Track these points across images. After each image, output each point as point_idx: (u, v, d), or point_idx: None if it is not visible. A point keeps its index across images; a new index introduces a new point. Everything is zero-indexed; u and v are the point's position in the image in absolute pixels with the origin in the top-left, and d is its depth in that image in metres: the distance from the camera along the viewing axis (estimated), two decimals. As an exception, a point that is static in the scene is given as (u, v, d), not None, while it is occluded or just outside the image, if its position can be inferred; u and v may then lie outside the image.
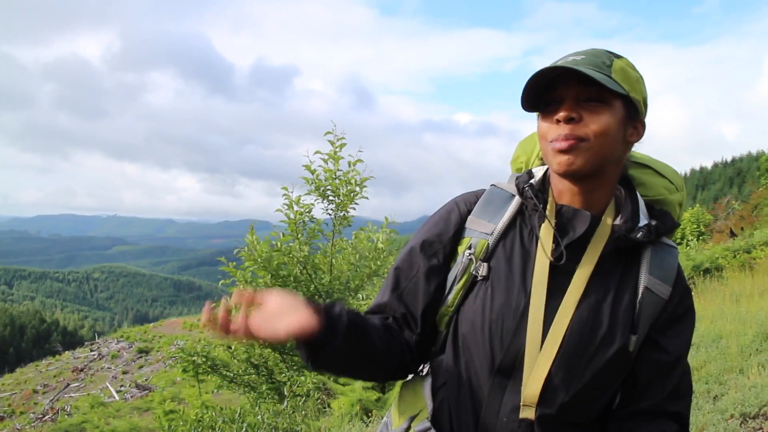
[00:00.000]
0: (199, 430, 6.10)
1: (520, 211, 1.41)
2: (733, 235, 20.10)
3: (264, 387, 6.92)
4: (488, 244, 1.39)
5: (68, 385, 31.30)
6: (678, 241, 22.02)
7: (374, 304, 1.50)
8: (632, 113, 1.31)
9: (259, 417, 6.28)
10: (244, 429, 5.87)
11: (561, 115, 1.26)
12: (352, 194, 6.92)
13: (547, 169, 1.41)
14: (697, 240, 20.96)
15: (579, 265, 1.33)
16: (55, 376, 35.33)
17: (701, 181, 76.38)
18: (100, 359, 37.07)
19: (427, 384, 1.48)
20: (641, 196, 1.41)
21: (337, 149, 6.84)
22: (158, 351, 35.16)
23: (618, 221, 1.35)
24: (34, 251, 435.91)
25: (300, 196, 6.62)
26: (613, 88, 1.23)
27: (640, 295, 1.33)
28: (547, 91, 1.29)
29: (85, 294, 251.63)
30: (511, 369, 1.33)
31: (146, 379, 26.90)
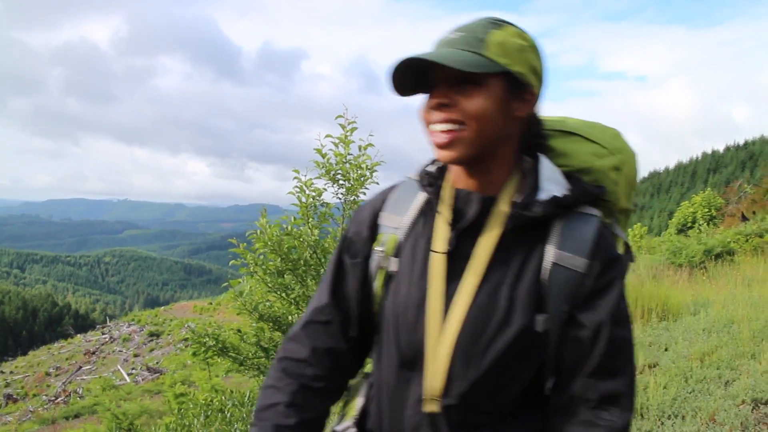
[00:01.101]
0: (209, 413, 6.14)
1: (428, 201, 1.38)
2: (744, 219, 19.99)
3: (274, 370, 6.94)
4: (398, 238, 1.38)
5: (80, 367, 31.62)
6: (689, 225, 21.88)
7: (312, 307, 1.49)
8: (516, 87, 1.25)
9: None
10: (253, 412, 5.89)
11: (432, 102, 1.24)
12: (362, 179, 6.88)
13: None
14: (708, 224, 20.84)
15: (475, 249, 1.29)
16: (67, 359, 35.69)
17: (713, 164, 75.83)
18: (111, 342, 37.43)
19: (366, 382, 1.51)
20: (564, 166, 1.36)
21: (348, 133, 6.80)
22: (169, 334, 35.45)
23: (517, 198, 1.29)
24: (45, 235, 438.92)
25: (311, 179, 6.60)
26: (477, 71, 1.18)
27: (546, 272, 1.26)
28: (427, 73, 1.25)
29: (97, 278, 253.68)
30: (414, 362, 1.31)
31: (157, 362, 27.14)
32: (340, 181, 6.86)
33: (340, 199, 7.05)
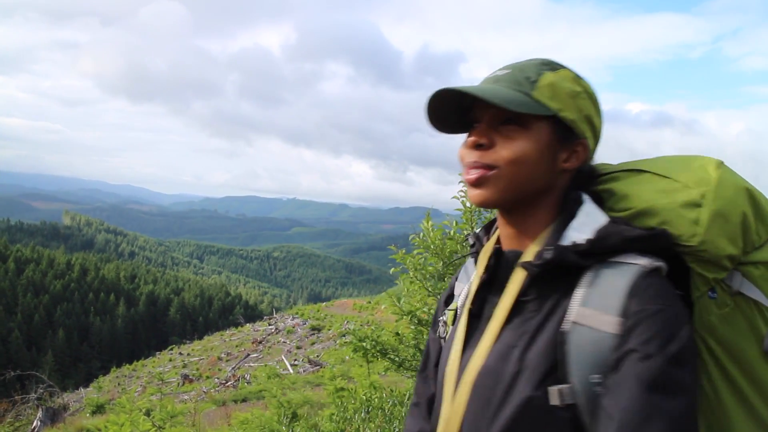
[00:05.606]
0: (369, 409, 6.28)
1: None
2: None
3: (432, 373, 6.98)
4: (458, 306, 1.32)
5: (248, 355, 33.59)
6: None
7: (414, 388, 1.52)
8: (565, 135, 1.13)
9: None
10: (412, 413, 5.94)
11: (469, 140, 1.15)
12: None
13: None
14: None
15: (496, 309, 1.15)
16: (237, 346, 38.09)
17: None
18: (276, 333, 39.38)
19: None
20: (624, 210, 1.16)
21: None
22: (329, 330, 36.77)
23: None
24: (222, 229, 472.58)
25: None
26: (517, 109, 1.07)
27: (566, 333, 1.04)
28: (472, 110, 1.17)
29: (266, 271, 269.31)
30: None
31: (318, 356, 28.20)
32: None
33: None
